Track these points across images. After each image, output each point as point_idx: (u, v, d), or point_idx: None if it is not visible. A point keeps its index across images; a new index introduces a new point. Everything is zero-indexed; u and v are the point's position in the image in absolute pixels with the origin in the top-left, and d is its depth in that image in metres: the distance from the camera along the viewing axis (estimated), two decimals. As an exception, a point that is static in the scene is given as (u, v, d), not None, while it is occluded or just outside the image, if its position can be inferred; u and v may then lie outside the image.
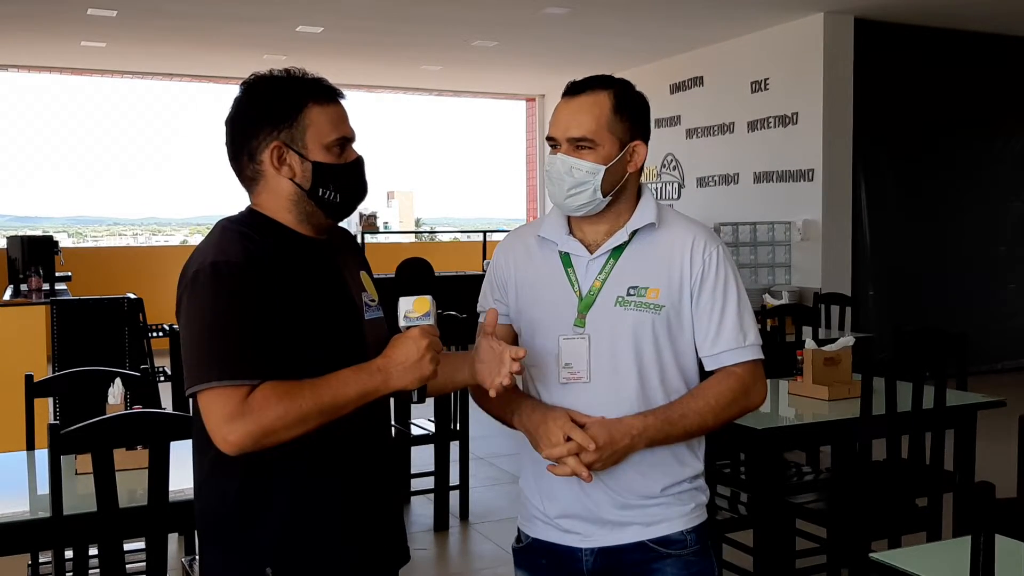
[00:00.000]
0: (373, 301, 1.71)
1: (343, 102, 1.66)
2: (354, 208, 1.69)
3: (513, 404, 1.80)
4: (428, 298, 1.55)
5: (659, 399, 1.75)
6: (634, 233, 1.77)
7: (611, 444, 1.66)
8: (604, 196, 1.74)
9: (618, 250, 1.77)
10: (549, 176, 1.76)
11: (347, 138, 1.64)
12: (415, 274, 1.62)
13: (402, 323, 1.55)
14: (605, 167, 1.72)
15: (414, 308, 1.55)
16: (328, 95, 1.63)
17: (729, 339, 1.75)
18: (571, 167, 1.73)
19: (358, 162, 1.66)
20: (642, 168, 1.81)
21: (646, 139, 1.79)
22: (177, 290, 1.59)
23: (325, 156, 1.61)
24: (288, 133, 1.60)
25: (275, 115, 1.60)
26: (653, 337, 1.74)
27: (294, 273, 1.58)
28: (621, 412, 1.73)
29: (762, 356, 1.79)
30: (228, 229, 1.61)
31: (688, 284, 1.75)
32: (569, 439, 1.67)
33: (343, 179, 1.63)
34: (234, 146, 1.64)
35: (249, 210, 1.67)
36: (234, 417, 1.47)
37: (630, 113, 1.75)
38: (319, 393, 1.50)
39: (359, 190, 1.68)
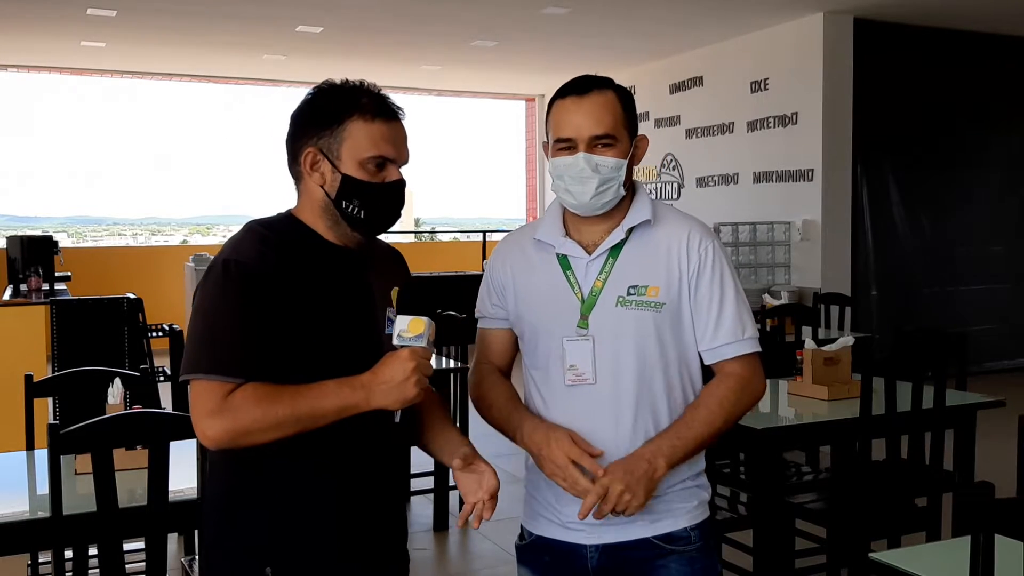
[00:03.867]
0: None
1: (402, 122, 1.64)
2: (383, 228, 1.67)
3: (515, 420, 1.79)
4: (424, 320, 1.54)
5: (662, 399, 1.75)
6: (631, 231, 1.78)
7: (631, 474, 1.65)
8: (624, 191, 1.77)
9: (616, 249, 1.78)
10: (572, 177, 1.74)
11: (386, 158, 1.62)
12: (414, 293, 1.60)
13: (395, 341, 1.54)
14: (626, 161, 1.75)
15: (408, 328, 1.53)
16: (378, 111, 1.61)
17: (728, 332, 1.76)
18: (597, 164, 1.73)
19: (394, 185, 1.64)
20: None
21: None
22: None
23: (358, 171, 1.60)
24: (326, 141, 1.60)
25: (318, 121, 1.61)
26: (656, 335, 1.74)
27: (311, 281, 1.59)
28: (625, 413, 1.73)
29: (759, 348, 1.80)
30: (252, 230, 1.63)
31: (686, 279, 1.76)
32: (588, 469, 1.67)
33: (370, 197, 1.62)
34: (288, 143, 1.67)
35: (286, 214, 1.68)
36: (213, 413, 1.49)
37: (631, 109, 1.79)
38: (297, 401, 1.50)
39: (388, 212, 1.65)
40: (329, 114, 1.61)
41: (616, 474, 1.65)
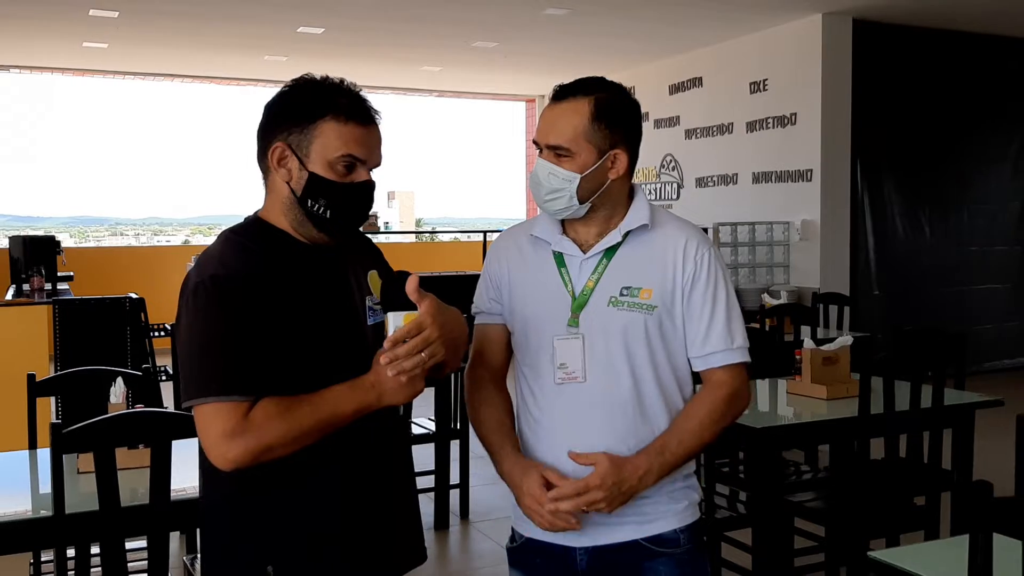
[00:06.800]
0: (378, 305, 1.69)
1: (377, 126, 1.63)
2: (349, 229, 1.65)
3: (498, 451, 1.82)
4: (417, 314, 1.54)
5: (654, 399, 1.76)
6: (627, 234, 1.78)
7: (618, 487, 1.68)
8: (581, 203, 1.75)
9: (611, 250, 1.78)
10: (532, 179, 1.78)
11: (356, 158, 1.60)
12: (404, 287, 1.58)
13: None
14: (580, 175, 1.73)
15: (404, 324, 1.52)
16: (353, 113, 1.59)
17: (717, 341, 1.77)
18: (549, 173, 1.74)
19: (362, 185, 1.62)
20: (631, 172, 1.81)
21: (631, 145, 1.78)
22: (179, 299, 1.59)
23: (326, 171, 1.58)
24: (296, 137, 1.59)
25: (290, 116, 1.60)
26: (646, 337, 1.75)
27: (294, 284, 1.58)
28: (616, 412, 1.74)
29: (748, 359, 1.80)
30: (230, 240, 1.61)
31: (680, 285, 1.76)
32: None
33: (337, 197, 1.59)
34: (258, 135, 1.65)
35: (255, 218, 1.67)
36: (234, 434, 1.48)
37: (610, 121, 1.74)
38: (318, 409, 1.51)
39: (355, 212, 1.63)
40: (303, 111, 1.59)
41: (606, 481, 1.67)
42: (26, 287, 6.79)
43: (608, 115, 1.74)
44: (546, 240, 1.82)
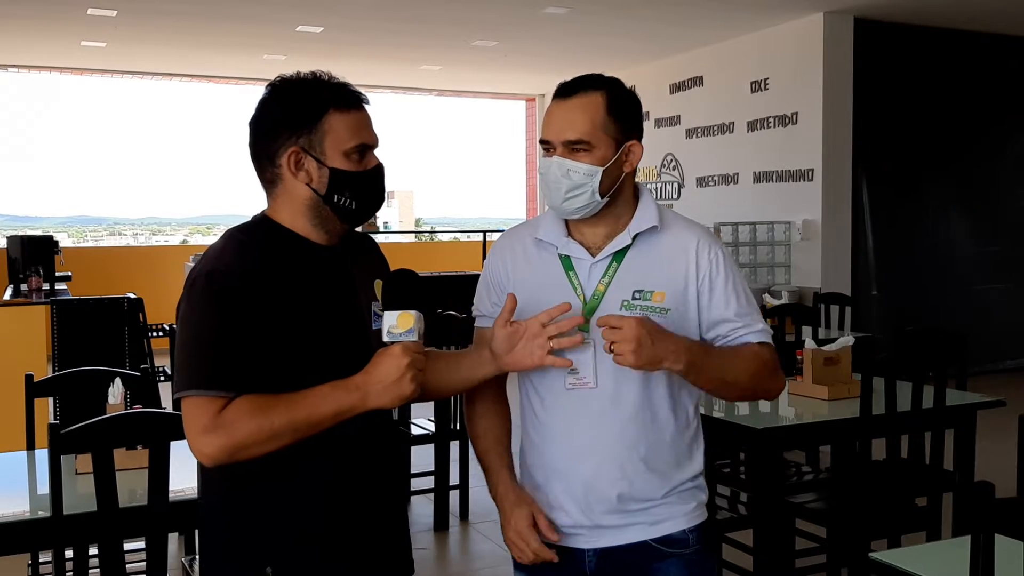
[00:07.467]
0: (383, 311, 1.68)
1: (367, 108, 1.65)
2: (371, 215, 1.68)
3: (493, 471, 1.82)
4: (413, 314, 1.52)
5: (664, 405, 1.75)
6: (636, 236, 1.76)
7: (650, 335, 1.58)
8: (602, 197, 1.72)
9: (620, 253, 1.76)
10: (544, 180, 1.74)
11: (367, 145, 1.62)
12: (401, 286, 1.57)
13: (386, 338, 1.52)
14: (602, 168, 1.70)
15: (398, 324, 1.51)
16: (350, 101, 1.61)
17: (751, 323, 1.76)
18: (568, 170, 1.71)
19: (377, 169, 1.65)
20: (636, 168, 1.80)
21: (640, 138, 1.78)
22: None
23: (343, 163, 1.60)
24: (307, 139, 1.59)
25: (295, 120, 1.59)
26: None
27: (296, 284, 1.58)
28: (626, 418, 1.72)
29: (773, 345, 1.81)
30: (233, 238, 1.62)
31: (695, 286, 1.75)
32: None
33: (360, 186, 1.62)
34: (255, 148, 1.63)
35: (262, 217, 1.66)
36: (208, 430, 1.48)
37: (624, 113, 1.74)
38: (293, 410, 1.50)
39: (375, 198, 1.66)
40: (304, 111, 1.59)
41: (644, 326, 1.59)
42: (24, 287, 6.79)
43: (620, 107, 1.73)
44: (551, 243, 1.79)
